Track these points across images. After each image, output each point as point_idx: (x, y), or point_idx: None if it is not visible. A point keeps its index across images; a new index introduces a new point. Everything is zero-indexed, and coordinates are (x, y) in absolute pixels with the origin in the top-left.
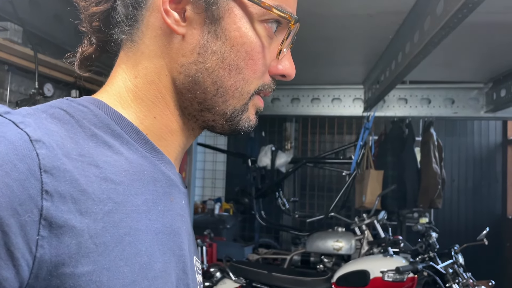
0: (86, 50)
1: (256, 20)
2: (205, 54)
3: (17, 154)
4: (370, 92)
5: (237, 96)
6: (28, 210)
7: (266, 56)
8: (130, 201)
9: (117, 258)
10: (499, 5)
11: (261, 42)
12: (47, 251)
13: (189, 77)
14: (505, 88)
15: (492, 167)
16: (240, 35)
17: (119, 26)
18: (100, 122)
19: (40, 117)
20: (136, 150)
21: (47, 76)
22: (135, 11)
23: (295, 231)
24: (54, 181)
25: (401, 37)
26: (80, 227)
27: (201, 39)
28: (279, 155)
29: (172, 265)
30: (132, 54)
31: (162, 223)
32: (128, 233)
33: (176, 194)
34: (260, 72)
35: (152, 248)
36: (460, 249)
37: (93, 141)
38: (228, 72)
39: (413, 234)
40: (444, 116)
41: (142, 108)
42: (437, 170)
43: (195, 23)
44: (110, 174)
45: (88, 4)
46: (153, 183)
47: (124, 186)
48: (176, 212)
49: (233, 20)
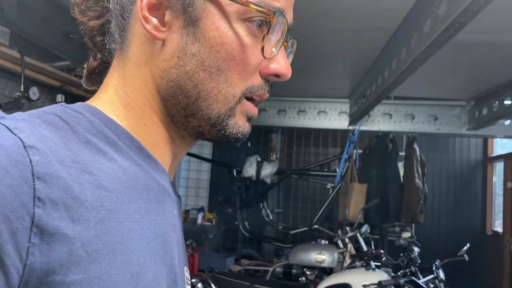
0: (91, 65)
1: (237, 18)
2: (184, 57)
3: (10, 160)
4: (355, 106)
5: (221, 100)
6: (19, 217)
7: (250, 56)
8: (123, 209)
9: (109, 267)
10: (482, 25)
11: (243, 42)
12: (38, 259)
13: (171, 82)
14: (487, 107)
15: (473, 184)
16: (219, 35)
17: (110, 37)
18: (95, 128)
19: (34, 123)
20: (130, 157)
21: (32, 79)
22: (123, 20)
23: (278, 242)
24: (46, 188)
25: (388, 54)
26: (72, 235)
27: (180, 42)
28: (265, 166)
29: (163, 275)
30: (122, 62)
31: (154, 232)
32: (120, 241)
33: (169, 203)
34: (246, 73)
35: (143, 257)
36: (441, 264)
37: (87, 148)
38: (208, 74)
39: (394, 248)
40: (427, 132)
41: (133, 115)
42: (419, 185)
43: (174, 27)
44: (104, 181)
45: (87, 19)
46: (146, 192)
47: (117, 194)
48: (169, 221)
49: (211, 20)
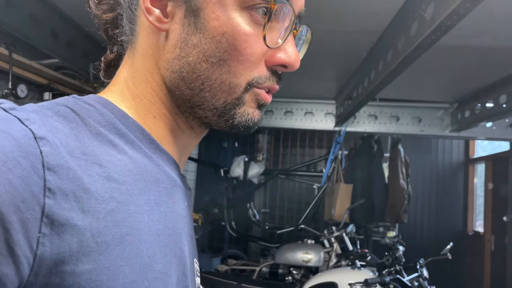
0: (108, 58)
1: (238, 7)
2: (186, 48)
3: (21, 151)
4: (342, 108)
5: (226, 90)
6: (30, 207)
7: (254, 46)
8: (133, 201)
9: (118, 258)
10: (466, 29)
11: (245, 31)
12: (48, 249)
13: (174, 73)
14: (469, 109)
15: (454, 184)
16: (219, 25)
17: (122, 29)
18: (105, 120)
19: (45, 114)
20: (140, 149)
21: (19, 77)
22: (131, 13)
23: (265, 242)
24: (57, 179)
25: (375, 56)
26: (82, 226)
27: (182, 33)
28: (252, 166)
29: (173, 267)
30: (131, 55)
31: (164, 224)
32: (130, 233)
33: (179, 195)
34: (250, 63)
35: (153, 249)
36: (425, 263)
37: (98, 140)
38: (211, 65)
39: (379, 248)
40: (412, 134)
41: (142, 107)
42: (404, 186)
43: (176, 17)
44: (114, 173)
45: (101, 12)
46: (156, 184)
47: (127, 186)
48: (179, 213)
49: (212, 9)
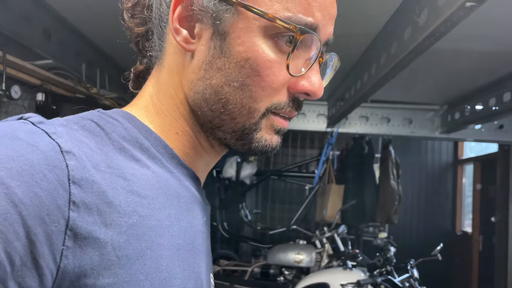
0: (137, 69)
1: (264, 34)
2: (210, 70)
3: (47, 164)
4: (334, 109)
5: (245, 114)
6: (55, 220)
7: (277, 73)
8: (154, 215)
9: (138, 272)
10: (456, 32)
11: (269, 58)
12: (71, 262)
13: (197, 94)
14: (459, 111)
15: (443, 185)
16: (244, 50)
17: (151, 44)
18: (129, 135)
19: (72, 128)
20: (162, 164)
21: (13, 78)
22: (160, 30)
23: (257, 243)
24: (81, 193)
25: (368, 59)
26: (104, 239)
27: (207, 55)
28: (244, 167)
29: (191, 283)
30: (158, 70)
31: (184, 239)
32: (150, 247)
33: (199, 210)
34: (271, 89)
35: (172, 264)
36: (415, 264)
37: (121, 154)
38: (233, 89)
39: (369, 248)
40: (402, 135)
41: (166, 123)
42: (394, 187)
43: (203, 39)
44: (137, 187)
45: (133, 25)
46: (177, 198)
47: (149, 200)
48: (198, 228)
49: (237, 34)
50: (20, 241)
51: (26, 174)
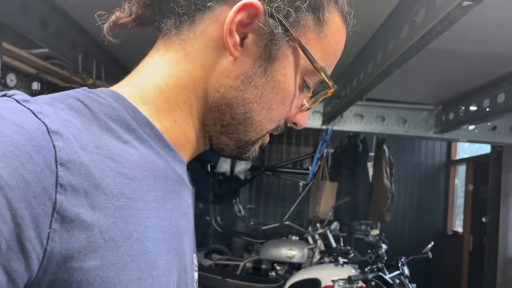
0: (123, 17)
1: (301, 72)
2: (248, 84)
3: (34, 145)
4: (329, 106)
5: (257, 131)
6: (41, 202)
7: (294, 105)
8: (141, 198)
9: (125, 254)
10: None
11: (296, 92)
12: (57, 245)
13: (225, 99)
14: (453, 112)
15: (436, 185)
16: (284, 81)
17: (171, 17)
18: (116, 115)
19: (57, 107)
20: (149, 146)
21: (9, 66)
22: (195, 12)
23: (250, 238)
24: (68, 175)
25: (365, 57)
26: (91, 222)
27: (250, 70)
28: (239, 162)
29: (175, 264)
30: (173, 51)
31: (169, 221)
32: (137, 229)
33: (185, 192)
34: (283, 116)
35: (158, 246)
36: (406, 261)
37: (108, 135)
38: (261, 108)
39: (361, 246)
40: (397, 134)
41: (166, 108)
42: (387, 185)
43: (250, 52)
44: (125, 168)
45: None
46: (164, 180)
47: (137, 182)
48: (183, 210)
49: (284, 65)
50: (6, 225)
51: (12, 156)
